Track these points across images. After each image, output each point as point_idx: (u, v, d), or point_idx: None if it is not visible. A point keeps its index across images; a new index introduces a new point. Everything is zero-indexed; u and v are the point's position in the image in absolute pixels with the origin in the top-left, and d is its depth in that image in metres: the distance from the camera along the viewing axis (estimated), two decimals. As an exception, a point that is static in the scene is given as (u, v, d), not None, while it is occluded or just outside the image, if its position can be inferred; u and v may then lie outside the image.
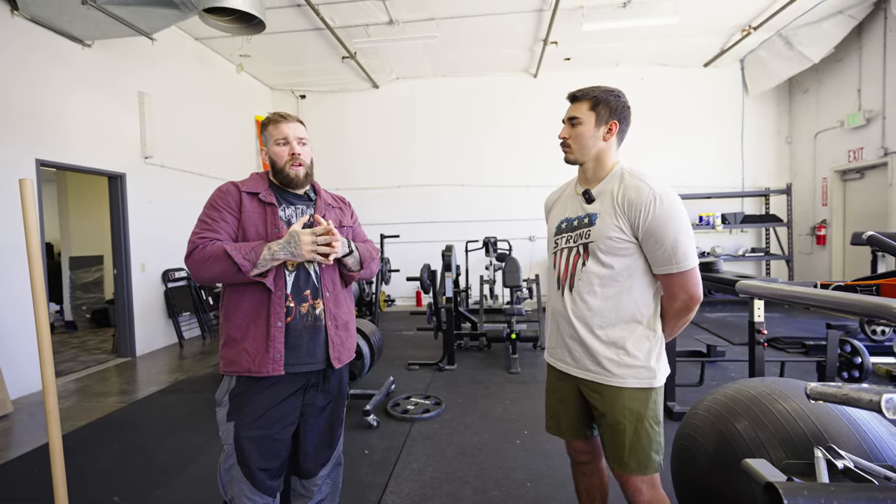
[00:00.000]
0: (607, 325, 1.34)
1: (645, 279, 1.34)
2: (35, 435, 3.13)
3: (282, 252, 1.33)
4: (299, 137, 1.47)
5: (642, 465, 1.33)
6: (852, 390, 0.98)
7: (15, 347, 3.85)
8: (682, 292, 1.30)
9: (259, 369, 1.37)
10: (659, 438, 1.35)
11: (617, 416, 1.33)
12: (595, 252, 1.34)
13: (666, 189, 1.28)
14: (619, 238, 1.30)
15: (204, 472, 2.51)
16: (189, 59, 6.08)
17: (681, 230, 1.26)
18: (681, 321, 1.36)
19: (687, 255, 1.26)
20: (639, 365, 1.32)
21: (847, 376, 3.35)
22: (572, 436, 1.52)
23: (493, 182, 7.92)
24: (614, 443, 1.35)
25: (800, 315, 6.11)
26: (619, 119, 1.37)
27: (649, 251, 1.30)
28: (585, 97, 1.38)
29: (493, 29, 6.11)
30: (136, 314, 5.20)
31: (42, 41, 4.20)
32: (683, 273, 1.28)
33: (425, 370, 4.29)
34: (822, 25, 6.01)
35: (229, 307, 1.43)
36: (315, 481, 1.54)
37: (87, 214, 6.98)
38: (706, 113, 7.56)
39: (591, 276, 1.35)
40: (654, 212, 1.25)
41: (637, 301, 1.34)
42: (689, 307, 1.32)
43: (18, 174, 3.88)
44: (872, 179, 6.14)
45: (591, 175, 1.42)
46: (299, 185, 1.50)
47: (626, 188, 1.31)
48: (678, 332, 1.41)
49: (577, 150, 1.40)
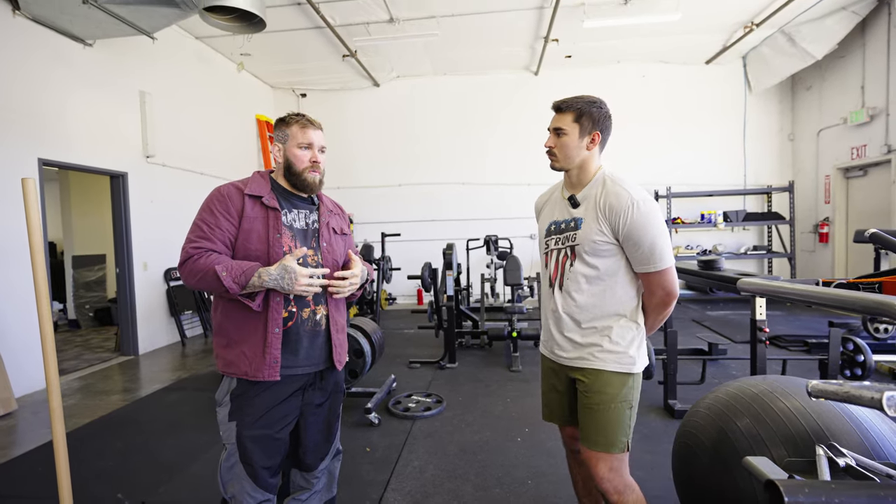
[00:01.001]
0: (594, 318, 1.46)
1: (627, 277, 1.46)
2: (39, 433, 3.14)
3: (271, 283, 1.32)
4: (321, 146, 1.50)
5: (609, 443, 1.42)
6: (854, 388, 0.98)
7: (18, 346, 3.87)
8: (659, 289, 1.43)
9: (255, 374, 1.38)
10: (629, 421, 1.45)
11: (594, 397, 1.44)
12: (581, 254, 1.45)
13: (643, 195, 1.40)
14: (602, 241, 1.41)
15: (206, 470, 2.52)
16: (190, 58, 6.08)
17: (657, 233, 1.37)
18: (660, 315, 1.49)
19: (663, 256, 1.38)
20: (620, 351, 1.44)
21: (849, 374, 3.35)
22: (563, 421, 1.62)
23: (494, 180, 7.91)
24: (587, 421, 1.46)
25: (802, 313, 6.10)
26: (601, 129, 1.47)
27: (629, 252, 1.42)
28: (569, 108, 1.47)
29: (493, 26, 6.09)
30: (139, 313, 5.22)
31: (43, 41, 4.20)
32: (660, 272, 1.40)
33: (426, 368, 4.30)
34: (825, 22, 5.98)
35: (229, 306, 1.42)
36: (315, 473, 1.58)
37: (90, 213, 7.00)
38: (708, 110, 7.54)
39: (578, 276, 1.46)
40: (632, 216, 1.36)
41: (620, 297, 1.45)
42: (666, 302, 1.45)
43: (21, 173, 3.89)
44: (875, 177, 6.11)
45: (575, 180, 1.53)
46: (313, 191, 1.51)
47: (608, 194, 1.42)
48: (659, 324, 1.54)
49: (563, 158, 1.50)
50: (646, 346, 1.50)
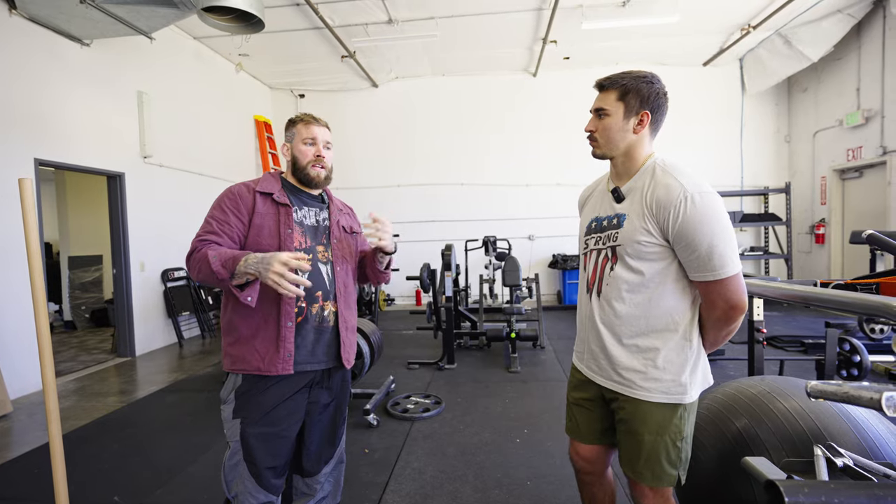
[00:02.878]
0: (637, 334, 1.24)
1: (679, 285, 1.22)
2: (35, 435, 3.12)
3: (252, 267, 1.27)
4: (326, 141, 1.52)
5: (656, 477, 1.24)
6: (853, 388, 0.98)
7: (14, 347, 3.84)
8: (720, 300, 1.17)
9: (269, 368, 1.38)
10: (681, 455, 1.25)
11: (637, 427, 1.25)
12: (623, 256, 1.24)
13: (701, 187, 1.16)
14: (648, 242, 1.19)
15: (204, 472, 2.51)
16: (188, 59, 6.07)
17: (717, 233, 1.13)
18: (722, 332, 1.23)
19: (724, 262, 1.13)
20: (668, 379, 1.22)
21: (846, 374, 3.36)
22: (588, 440, 1.43)
23: (492, 181, 7.92)
24: (630, 450, 1.28)
25: (799, 314, 6.12)
26: (651, 109, 1.24)
27: (682, 256, 1.18)
28: (613, 86, 1.25)
29: (492, 28, 6.10)
30: (136, 314, 5.19)
31: (40, 40, 4.19)
32: (722, 280, 1.15)
33: (425, 369, 4.29)
34: (822, 24, 6.01)
35: (240, 304, 1.41)
36: (318, 479, 1.55)
37: (86, 214, 6.97)
38: (705, 112, 7.56)
39: (619, 282, 1.25)
40: (684, 213, 1.13)
41: (670, 309, 1.22)
42: (730, 317, 1.19)
43: (17, 174, 3.87)
44: (871, 178, 6.15)
45: (621, 170, 1.31)
46: (318, 185, 1.53)
47: (657, 186, 1.20)
48: (721, 343, 1.28)
49: (605, 144, 1.28)
50: (704, 365, 1.27)
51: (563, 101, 7.62)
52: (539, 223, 7.67)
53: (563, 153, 7.62)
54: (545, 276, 7.77)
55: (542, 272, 7.69)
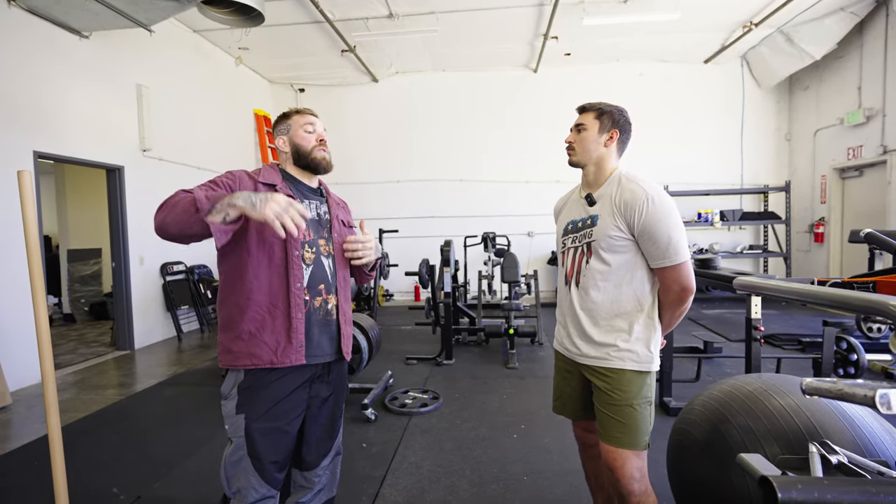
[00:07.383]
0: (610, 316, 1.47)
1: (643, 273, 1.46)
2: (34, 427, 3.14)
3: (241, 200, 1.20)
4: (324, 129, 1.56)
5: (632, 441, 1.43)
6: (847, 386, 0.99)
7: (13, 340, 3.85)
8: (675, 284, 1.42)
9: (282, 360, 1.38)
10: (650, 419, 1.47)
11: (613, 395, 1.45)
12: (597, 250, 1.47)
13: (658, 190, 1.41)
14: (618, 236, 1.43)
15: (202, 465, 2.52)
16: (187, 52, 6.04)
17: (673, 227, 1.38)
18: (677, 311, 1.48)
19: (678, 250, 1.38)
20: (638, 350, 1.44)
21: (843, 373, 3.38)
22: (576, 416, 1.64)
23: (492, 177, 7.91)
24: (608, 418, 1.46)
25: (797, 312, 6.14)
26: (619, 129, 1.51)
27: (645, 247, 1.42)
28: (592, 108, 1.54)
29: (493, 23, 6.08)
30: (135, 307, 5.20)
31: (39, 32, 4.16)
32: (676, 266, 1.40)
33: (423, 365, 4.30)
34: (824, 22, 5.99)
35: (241, 300, 1.40)
36: (317, 472, 1.56)
37: (86, 207, 6.96)
38: (706, 109, 7.55)
39: (594, 273, 1.48)
40: (647, 211, 1.37)
41: (637, 293, 1.46)
42: (682, 298, 1.44)
43: (16, 166, 3.86)
44: (871, 177, 6.15)
45: (592, 180, 1.55)
46: (325, 170, 1.54)
47: (623, 191, 1.43)
48: (675, 322, 1.52)
49: (581, 152, 1.54)
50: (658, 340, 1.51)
51: (564, 98, 7.59)
52: (538, 220, 7.66)
53: (563, 150, 7.40)
54: (544, 272, 7.78)
55: (540, 269, 7.70)
